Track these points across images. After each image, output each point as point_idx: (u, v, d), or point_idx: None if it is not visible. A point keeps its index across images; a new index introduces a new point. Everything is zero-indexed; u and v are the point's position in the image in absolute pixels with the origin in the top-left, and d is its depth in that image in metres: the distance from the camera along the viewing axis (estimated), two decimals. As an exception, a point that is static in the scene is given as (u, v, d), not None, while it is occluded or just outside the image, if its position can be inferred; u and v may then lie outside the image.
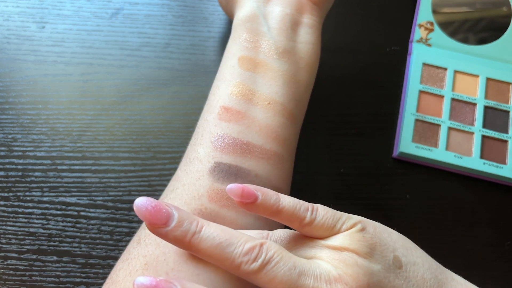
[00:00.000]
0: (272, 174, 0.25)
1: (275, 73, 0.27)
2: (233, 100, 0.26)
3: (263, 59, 0.27)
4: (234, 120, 0.25)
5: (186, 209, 0.23)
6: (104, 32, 0.39)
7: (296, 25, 0.28)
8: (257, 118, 0.25)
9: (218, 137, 0.25)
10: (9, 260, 0.31)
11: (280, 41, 0.27)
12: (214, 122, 0.25)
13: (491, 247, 0.32)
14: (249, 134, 0.25)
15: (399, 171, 0.34)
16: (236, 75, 0.26)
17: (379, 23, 0.40)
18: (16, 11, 0.40)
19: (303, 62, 0.28)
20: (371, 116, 0.36)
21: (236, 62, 0.27)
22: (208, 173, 0.24)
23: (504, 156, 0.34)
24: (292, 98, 0.27)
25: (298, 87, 0.27)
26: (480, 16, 0.40)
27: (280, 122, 0.26)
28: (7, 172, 0.33)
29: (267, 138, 0.25)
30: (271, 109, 0.26)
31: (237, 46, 0.28)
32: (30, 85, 0.36)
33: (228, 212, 0.23)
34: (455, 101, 0.36)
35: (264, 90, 0.26)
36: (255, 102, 0.26)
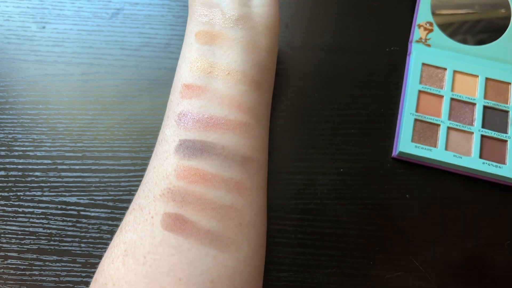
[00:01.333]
0: (240, 144, 0.24)
1: (232, 42, 0.26)
2: (192, 76, 0.25)
3: (218, 30, 0.27)
4: (195, 96, 0.25)
5: (156, 190, 0.23)
6: (105, 32, 0.39)
7: None
8: (218, 90, 0.25)
9: (181, 115, 0.25)
10: (9, 260, 0.31)
11: (233, 8, 0.27)
12: (177, 101, 0.25)
13: (491, 247, 0.32)
14: (211, 107, 0.24)
15: (399, 171, 0.34)
16: (194, 51, 0.26)
17: (378, 23, 0.40)
18: (17, 11, 0.40)
19: (261, 25, 0.27)
20: (370, 116, 0.36)
21: (193, 38, 0.27)
22: (174, 152, 0.24)
23: (503, 156, 0.34)
24: (253, 64, 0.26)
25: (259, 52, 0.27)
26: (479, 17, 0.40)
27: (242, 90, 0.25)
28: (8, 172, 0.33)
29: (231, 108, 0.25)
30: (231, 78, 0.25)
31: (193, 22, 0.27)
32: (30, 85, 0.36)
33: (196, 187, 0.23)
34: (454, 101, 0.36)
35: (222, 60, 0.26)
36: (215, 74, 0.25)
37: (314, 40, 0.39)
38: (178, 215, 0.22)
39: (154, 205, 0.23)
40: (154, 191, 0.23)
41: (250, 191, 0.24)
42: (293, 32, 0.39)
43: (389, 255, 0.31)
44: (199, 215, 0.22)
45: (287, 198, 0.33)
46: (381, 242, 0.32)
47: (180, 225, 0.22)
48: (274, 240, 0.31)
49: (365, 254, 0.31)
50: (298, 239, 0.32)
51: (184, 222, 0.22)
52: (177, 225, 0.22)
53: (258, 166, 0.25)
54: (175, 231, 0.21)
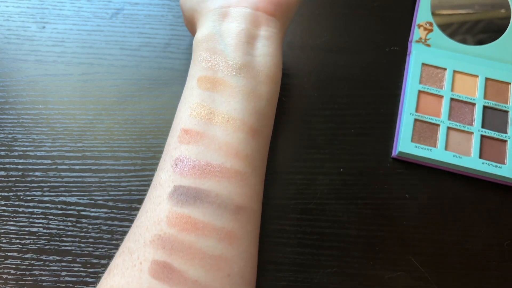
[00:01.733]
0: (235, 193, 0.24)
1: (233, 90, 0.26)
2: (192, 122, 0.25)
3: (221, 77, 0.27)
4: (193, 142, 0.25)
5: (147, 235, 0.23)
6: (104, 32, 0.39)
7: (253, 38, 0.28)
8: (216, 137, 0.25)
9: (178, 160, 0.24)
10: (9, 260, 0.31)
11: (236, 57, 0.27)
12: (174, 145, 0.25)
13: (491, 247, 0.32)
14: (208, 154, 0.24)
15: (399, 170, 0.34)
16: (195, 96, 0.26)
17: (378, 23, 0.40)
18: (17, 11, 0.40)
19: (263, 75, 0.27)
20: (370, 116, 0.36)
21: (195, 83, 0.27)
22: (168, 197, 0.23)
23: (503, 156, 0.34)
24: (253, 112, 0.26)
25: (259, 101, 0.27)
26: (479, 17, 0.40)
27: (240, 138, 0.25)
28: (8, 172, 0.33)
29: (227, 156, 0.24)
30: (230, 126, 0.25)
31: (196, 67, 0.27)
32: (30, 85, 0.36)
33: (186, 236, 0.22)
34: (454, 101, 0.36)
35: (222, 108, 0.26)
36: (214, 121, 0.25)
37: (314, 40, 0.39)
38: (166, 263, 0.22)
39: (143, 250, 0.22)
40: (145, 236, 0.23)
41: (241, 240, 0.24)
42: (293, 32, 0.39)
43: (389, 255, 0.31)
44: (187, 265, 0.22)
45: (287, 198, 0.33)
46: (381, 242, 0.32)
47: (167, 273, 0.21)
48: (274, 240, 0.31)
49: (365, 254, 0.31)
50: (298, 239, 0.32)
51: (172, 271, 0.21)
52: (164, 274, 0.21)
53: (251, 215, 0.25)
54: (162, 280, 0.21)
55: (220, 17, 0.29)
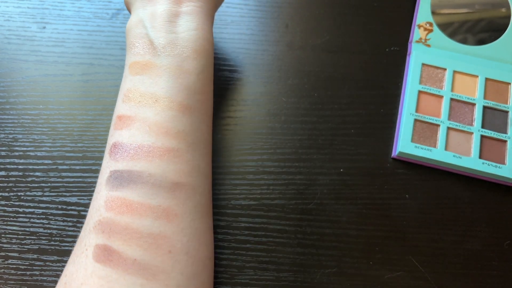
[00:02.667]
0: (168, 170, 0.24)
1: (159, 69, 0.27)
2: (124, 107, 0.26)
3: (148, 59, 0.27)
4: (126, 126, 0.25)
5: (91, 222, 0.24)
6: (105, 32, 0.39)
7: (175, 16, 0.28)
8: (146, 118, 0.25)
9: (113, 146, 0.25)
10: (10, 260, 0.31)
11: (159, 37, 0.28)
12: (111, 133, 0.26)
13: (490, 247, 0.32)
14: (139, 136, 0.25)
15: (398, 171, 0.34)
16: (127, 82, 0.27)
17: (378, 23, 0.40)
18: (17, 11, 0.40)
19: (188, 50, 0.28)
20: (370, 116, 0.36)
21: (127, 70, 0.28)
22: (105, 183, 0.24)
23: (503, 156, 0.34)
24: (181, 89, 0.26)
25: (188, 76, 0.27)
26: (479, 17, 0.40)
27: (169, 116, 0.25)
28: (8, 172, 0.33)
29: (157, 135, 0.25)
30: (159, 105, 0.26)
31: (128, 55, 0.28)
32: (30, 85, 0.36)
33: (122, 217, 0.23)
34: (454, 101, 0.36)
35: (151, 89, 0.26)
36: (144, 103, 0.26)
37: (314, 40, 0.39)
38: (106, 246, 0.22)
39: (88, 237, 0.23)
40: (89, 223, 0.24)
41: (182, 216, 0.24)
42: (293, 32, 0.39)
43: (389, 255, 0.31)
44: (125, 245, 0.22)
45: (287, 198, 0.33)
46: (380, 242, 0.32)
47: (107, 255, 0.22)
48: (274, 240, 0.32)
49: (364, 254, 0.31)
50: (298, 239, 0.32)
51: (111, 253, 0.22)
52: (105, 256, 0.22)
53: (191, 191, 0.25)
54: (103, 262, 0.22)
55: (145, 2, 0.29)
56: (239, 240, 0.31)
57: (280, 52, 0.38)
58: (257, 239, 0.32)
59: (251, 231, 0.32)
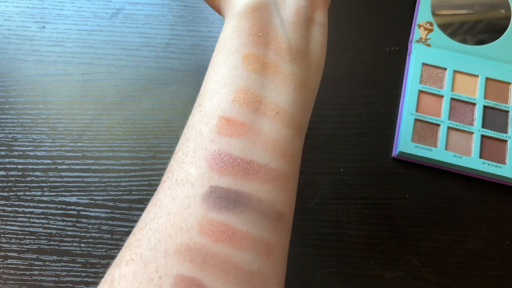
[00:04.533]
0: (277, 198, 0.21)
1: (285, 77, 0.22)
2: (236, 109, 0.21)
3: (273, 59, 0.22)
4: (237, 134, 0.21)
5: (170, 243, 0.19)
6: (104, 32, 0.39)
7: (310, 21, 0.24)
8: (263, 131, 0.21)
9: (216, 155, 0.20)
10: (9, 260, 0.31)
11: (294, 38, 0.23)
12: (212, 136, 0.21)
13: (491, 247, 0.32)
14: (253, 151, 0.20)
15: (399, 170, 0.34)
16: (240, 77, 0.22)
17: (378, 23, 0.40)
18: (17, 11, 0.40)
19: (313, 65, 0.24)
20: (370, 116, 0.36)
21: (240, 60, 0.22)
22: (202, 199, 0.19)
23: (503, 156, 0.34)
24: (302, 107, 0.23)
25: (307, 95, 0.23)
26: (478, 18, 0.40)
27: (288, 136, 0.22)
28: (8, 172, 0.33)
29: (274, 155, 0.21)
30: (280, 120, 0.21)
31: (242, 40, 0.22)
32: (30, 85, 0.36)
33: (222, 247, 0.19)
34: (454, 101, 0.36)
35: (272, 97, 0.22)
36: (262, 112, 0.21)
37: (314, 40, 0.39)
38: (195, 279, 0.18)
39: (164, 262, 0.18)
40: (167, 244, 0.19)
41: (278, 253, 0.20)
42: (293, 32, 0.39)
43: (389, 254, 0.31)
44: (220, 282, 0.18)
45: (287, 198, 0.33)
46: (381, 242, 0.32)
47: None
48: (274, 240, 0.31)
49: (365, 254, 0.31)
50: (298, 239, 0.32)
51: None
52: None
53: (288, 225, 0.22)
54: None
55: None
56: (239, 240, 0.31)
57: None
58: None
59: (251, 231, 0.32)
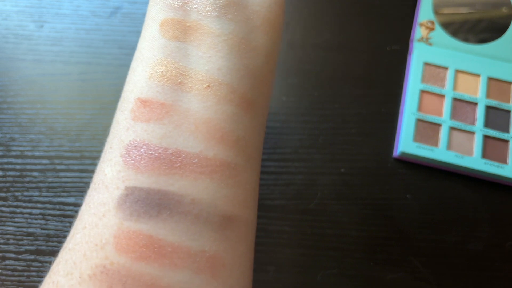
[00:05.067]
0: (220, 197, 0.16)
1: (216, 39, 0.18)
2: (153, 88, 0.17)
3: (196, 19, 0.18)
4: (156, 118, 0.17)
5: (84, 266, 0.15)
6: (103, 31, 0.39)
7: None
8: (191, 111, 0.17)
9: (131, 147, 0.16)
10: (7, 261, 0.30)
11: None
12: (126, 124, 0.17)
13: (493, 248, 0.32)
14: (179, 137, 0.16)
15: (400, 171, 0.34)
16: (157, 48, 0.18)
17: (379, 21, 0.40)
18: (15, 10, 0.39)
19: (259, 17, 0.19)
20: (371, 116, 0.36)
21: (157, 29, 0.18)
22: (116, 206, 0.15)
23: (505, 156, 0.34)
24: (246, 74, 0.18)
25: (255, 57, 0.18)
26: (480, 16, 0.39)
27: (227, 113, 0.17)
28: (5, 172, 0.33)
29: (209, 140, 0.17)
30: (213, 94, 0.17)
31: (158, 6, 0.19)
32: (28, 85, 0.36)
33: (147, 267, 0.14)
34: (456, 100, 0.36)
35: (200, 66, 0.17)
36: (188, 87, 0.17)
37: (314, 39, 0.39)
38: None
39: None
40: (82, 267, 0.15)
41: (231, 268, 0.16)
42: (293, 30, 0.39)
43: (390, 255, 0.31)
44: None
45: (287, 199, 0.33)
46: (382, 242, 0.31)
47: None
48: (274, 241, 0.31)
49: (366, 255, 0.31)
50: (298, 240, 0.31)
51: None
52: None
53: (245, 229, 0.17)
54: None
55: None
56: (239, 241, 0.31)
57: (280, 51, 0.38)
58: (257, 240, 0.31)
59: (251, 231, 0.31)
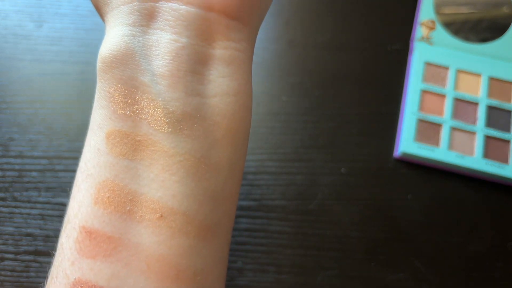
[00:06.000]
0: None
1: (169, 159, 0.16)
2: (99, 217, 0.15)
3: (147, 133, 0.16)
4: (103, 255, 0.15)
5: None
6: (102, 31, 0.38)
7: (203, 64, 0.17)
8: (142, 246, 0.15)
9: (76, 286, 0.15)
10: (5, 261, 0.30)
11: (174, 99, 0.16)
12: (72, 257, 0.15)
13: (494, 248, 0.32)
14: (128, 278, 0.15)
15: (401, 171, 0.34)
16: (103, 166, 0.16)
17: (380, 21, 0.40)
18: (14, 9, 0.39)
19: (220, 128, 0.16)
20: (372, 116, 0.36)
21: (103, 141, 0.16)
22: None
23: (506, 156, 0.34)
24: (205, 199, 0.16)
25: (215, 176, 0.16)
26: (481, 16, 0.39)
27: (184, 247, 0.15)
28: (4, 172, 0.33)
29: (163, 280, 0.15)
30: (166, 225, 0.15)
31: (104, 111, 0.16)
32: (27, 84, 0.36)
33: None
34: (457, 100, 0.36)
35: (152, 192, 0.15)
36: (138, 216, 0.15)
37: (315, 38, 0.39)
38: None
39: None
40: None
41: None
42: (294, 30, 0.39)
43: (391, 256, 0.31)
44: None
45: (287, 199, 0.32)
46: (382, 243, 0.31)
47: None
48: (275, 241, 0.31)
49: (366, 256, 0.31)
50: (298, 241, 0.31)
51: None
52: None
53: None
54: None
55: (143, 18, 0.17)
56: (239, 241, 0.31)
57: (280, 50, 0.38)
58: (257, 240, 0.31)
59: (251, 232, 0.31)
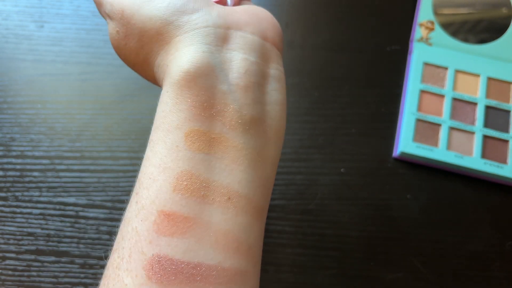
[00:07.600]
0: None
1: (238, 153, 0.19)
2: (178, 201, 0.17)
3: (221, 132, 0.19)
4: (179, 232, 0.17)
5: None
6: (103, 31, 0.39)
7: (264, 79, 0.20)
8: (212, 223, 0.17)
9: (155, 261, 0.17)
10: (7, 261, 0.30)
11: (246, 104, 0.19)
12: (149, 237, 0.17)
13: (492, 248, 0.32)
14: (200, 251, 0.17)
15: (400, 171, 0.34)
16: (182, 159, 0.18)
17: (379, 22, 0.40)
18: (15, 10, 0.39)
19: (272, 131, 0.20)
20: (371, 116, 0.36)
21: (181, 139, 0.18)
22: None
23: (505, 156, 0.34)
24: (259, 185, 0.19)
25: (265, 168, 0.19)
26: (480, 17, 0.39)
27: (243, 224, 0.18)
28: (5, 172, 0.33)
29: (227, 252, 0.17)
30: (232, 206, 0.18)
31: (183, 114, 0.19)
32: (28, 85, 0.36)
33: None
34: (456, 100, 0.36)
35: (222, 179, 0.18)
36: (210, 199, 0.18)
37: (314, 39, 0.39)
38: None
39: None
40: None
41: None
42: (293, 31, 0.39)
43: (390, 256, 0.31)
44: None
45: (287, 199, 0.33)
46: (382, 243, 0.31)
47: None
48: (274, 241, 0.31)
49: (366, 255, 0.31)
50: (298, 240, 0.31)
51: None
52: None
53: None
54: None
55: (218, 40, 0.20)
56: (239, 241, 0.31)
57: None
58: (257, 239, 0.31)
59: (251, 231, 0.31)
